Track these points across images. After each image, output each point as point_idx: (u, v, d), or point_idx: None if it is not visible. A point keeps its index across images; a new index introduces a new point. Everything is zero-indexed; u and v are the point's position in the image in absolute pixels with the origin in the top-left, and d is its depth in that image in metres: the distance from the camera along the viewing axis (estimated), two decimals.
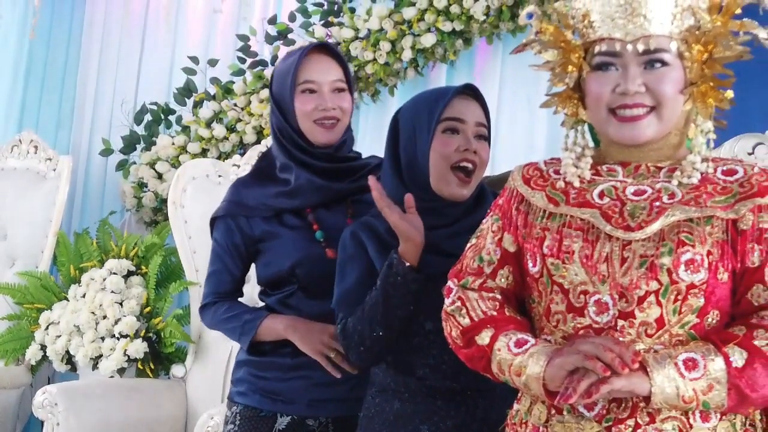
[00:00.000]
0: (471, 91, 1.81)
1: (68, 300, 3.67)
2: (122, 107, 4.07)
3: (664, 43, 1.37)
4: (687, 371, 1.29)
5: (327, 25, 3.67)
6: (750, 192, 1.36)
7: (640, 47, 1.37)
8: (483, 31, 3.43)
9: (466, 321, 1.46)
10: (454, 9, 3.37)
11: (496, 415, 1.59)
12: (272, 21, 3.80)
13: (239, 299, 2.15)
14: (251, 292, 2.85)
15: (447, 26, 3.40)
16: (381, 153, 1.93)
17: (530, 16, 1.52)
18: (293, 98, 2.03)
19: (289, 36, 3.77)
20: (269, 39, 3.79)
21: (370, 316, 1.69)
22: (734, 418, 1.38)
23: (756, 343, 1.30)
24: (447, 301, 1.50)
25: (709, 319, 1.36)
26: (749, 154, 2.94)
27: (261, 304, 2.15)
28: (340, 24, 3.63)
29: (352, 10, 3.64)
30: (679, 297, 1.33)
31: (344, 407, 1.95)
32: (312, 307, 1.99)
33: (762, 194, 1.36)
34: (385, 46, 3.51)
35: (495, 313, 1.45)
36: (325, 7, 3.71)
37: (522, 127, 3.46)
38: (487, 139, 1.81)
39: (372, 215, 1.81)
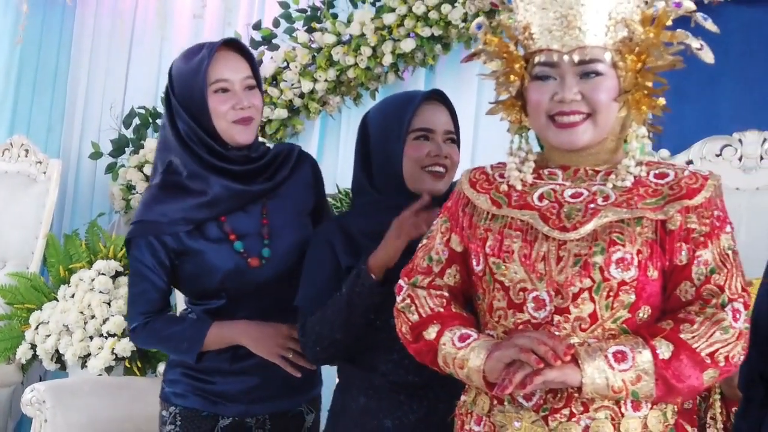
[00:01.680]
0: (438, 97, 1.89)
1: (58, 300, 3.76)
2: (111, 111, 4.16)
3: (598, 53, 1.45)
4: (616, 363, 1.37)
5: (310, 30, 3.75)
6: (679, 194, 1.44)
7: (576, 58, 1.44)
8: (461, 36, 3.50)
9: (415, 317, 1.54)
10: (433, 15, 3.45)
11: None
12: (257, 26, 3.89)
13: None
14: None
15: (426, 32, 3.48)
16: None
17: (479, 27, 1.61)
18: (206, 99, 1.94)
19: (273, 41, 3.85)
20: (254, 44, 3.86)
21: (332, 319, 1.76)
22: (665, 408, 1.46)
23: (682, 336, 1.38)
24: (398, 299, 1.58)
25: (641, 315, 1.44)
26: (717, 155, 3.03)
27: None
28: (323, 29, 3.71)
29: (335, 16, 3.72)
30: (611, 293, 1.41)
31: (281, 403, 2.02)
32: (240, 317, 2.00)
33: (690, 196, 1.44)
34: (366, 51, 3.59)
35: (442, 310, 1.53)
36: (308, 12, 3.79)
37: (500, 130, 3.51)
38: (456, 141, 1.89)
39: (346, 214, 1.89)
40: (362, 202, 1.91)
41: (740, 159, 2.98)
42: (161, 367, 3.56)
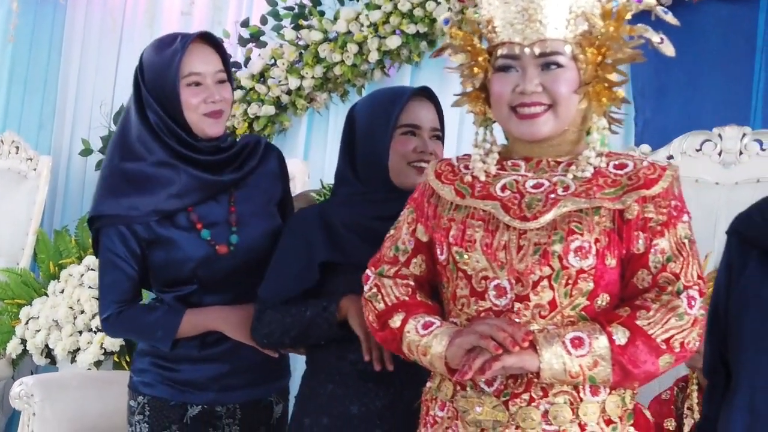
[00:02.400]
0: (426, 94, 1.93)
1: (48, 295, 3.80)
2: (101, 108, 4.18)
3: (558, 46, 1.48)
4: (573, 348, 1.40)
5: (297, 28, 3.78)
6: (637, 184, 1.47)
7: (537, 50, 1.48)
8: (446, 33, 3.53)
9: (381, 306, 1.57)
10: (418, 12, 3.48)
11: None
12: (244, 24, 3.92)
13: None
14: None
15: (411, 29, 3.51)
16: None
17: (446, 21, 1.64)
18: (178, 91, 1.96)
19: (261, 38, 3.89)
20: (242, 42, 3.90)
21: (288, 328, 1.81)
22: (624, 393, 1.49)
23: (638, 322, 1.42)
24: (365, 288, 1.62)
25: (599, 302, 1.47)
26: (697, 150, 3.06)
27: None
28: (310, 27, 3.74)
29: (322, 14, 3.75)
30: (570, 281, 1.44)
31: (251, 392, 2.04)
32: (210, 303, 2.02)
33: (648, 186, 1.47)
34: (352, 48, 3.62)
35: (407, 299, 1.56)
36: (296, 10, 3.82)
37: None
38: (441, 138, 1.94)
39: (327, 203, 1.93)
40: (345, 192, 1.93)
41: (720, 154, 3.00)
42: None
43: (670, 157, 3.10)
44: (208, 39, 2.04)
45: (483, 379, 1.44)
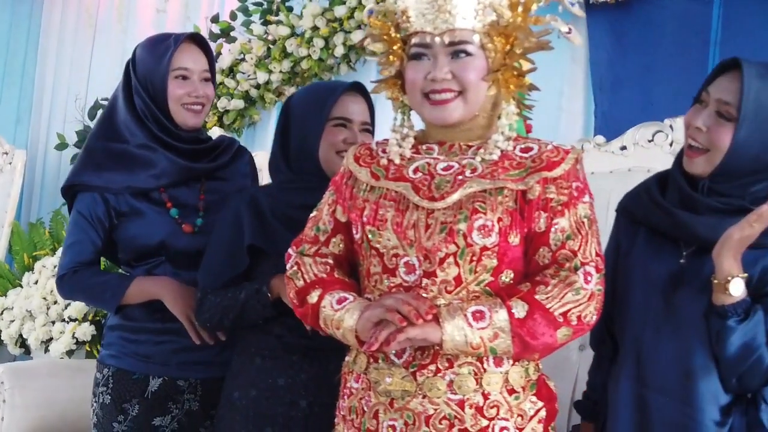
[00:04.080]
0: (359, 89, 2.03)
1: (22, 287, 3.87)
2: (76, 103, 4.25)
3: (467, 35, 1.55)
4: (475, 321, 1.47)
5: (265, 23, 3.85)
6: (540, 166, 1.55)
7: (446, 39, 1.55)
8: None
9: (300, 283, 1.65)
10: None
11: None
12: (215, 20, 3.99)
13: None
14: None
15: None
16: None
17: (371, 12, 1.71)
18: (166, 82, 2.14)
19: (231, 34, 3.96)
20: (212, 37, 3.98)
21: (226, 312, 1.90)
22: (527, 365, 1.57)
23: (537, 297, 1.49)
24: (287, 266, 1.69)
25: (503, 278, 1.54)
26: (649, 141, 3.13)
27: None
28: (278, 22, 3.81)
29: (290, 9, 3.82)
30: (474, 258, 1.52)
31: (211, 370, 2.12)
32: (177, 278, 2.13)
33: (550, 168, 1.54)
34: (318, 42, 3.70)
35: (325, 276, 1.64)
36: (264, 6, 3.90)
37: None
38: (371, 131, 2.03)
39: (263, 189, 2.02)
40: (277, 180, 2.03)
41: (671, 144, 3.07)
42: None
43: (623, 148, 3.17)
44: (197, 40, 2.23)
45: (391, 350, 1.52)
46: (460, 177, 1.56)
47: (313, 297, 1.61)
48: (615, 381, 1.72)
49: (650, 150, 3.10)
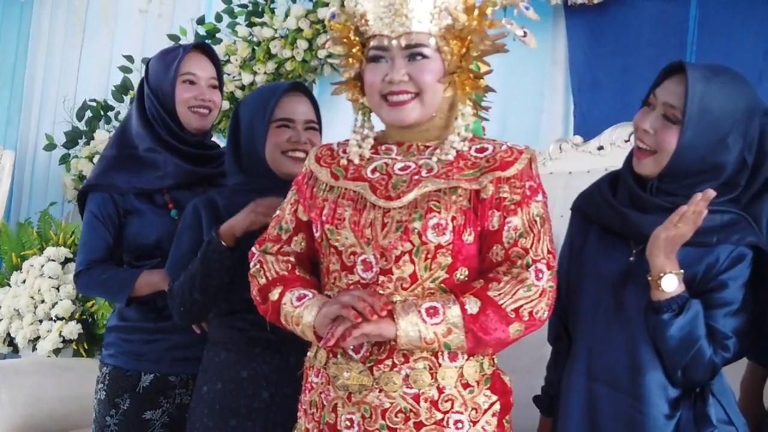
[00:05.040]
0: (301, 89, 2.09)
1: (10, 286, 3.91)
2: (64, 104, 4.29)
3: (423, 39, 1.59)
4: (428, 317, 1.51)
5: (250, 25, 3.89)
6: (493, 166, 1.59)
7: (403, 42, 1.59)
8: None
9: (263, 280, 1.69)
10: None
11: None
12: (200, 21, 4.03)
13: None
14: None
15: None
16: None
17: (333, 16, 1.75)
18: (174, 87, 2.27)
19: (217, 35, 4.00)
20: (198, 38, 4.01)
21: (191, 282, 1.95)
22: (482, 359, 1.61)
23: (489, 293, 1.53)
24: (251, 264, 1.73)
25: (458, 275, 1.58)
26: (625, 141, 3.17)
27: None
28: (263, 24, 3.85)
29: (274, 11, 3.86)
30: (429, 256, 1.55)
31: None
32: None
33: (503, 168, 1.58)
34: (302, 44, 3.73)
35: (286, 274, 1.68)
36: (250, 8, 3.94)
37: None
38: (317, 128, 2.09)
39: (216, 191, 2.07)
40: (231, 182, 2.11)
41: None
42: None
43: (601, 148, 3.21)
44: (206, 50, 2.38)
45: (348, 346, 1.56)
46: (416, 177, 1.59)
47: (274, 294, 1.65)
48: (567, 375, 1.77)
49: (626, 150, 3.04)
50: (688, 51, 3.28)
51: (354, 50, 1.66)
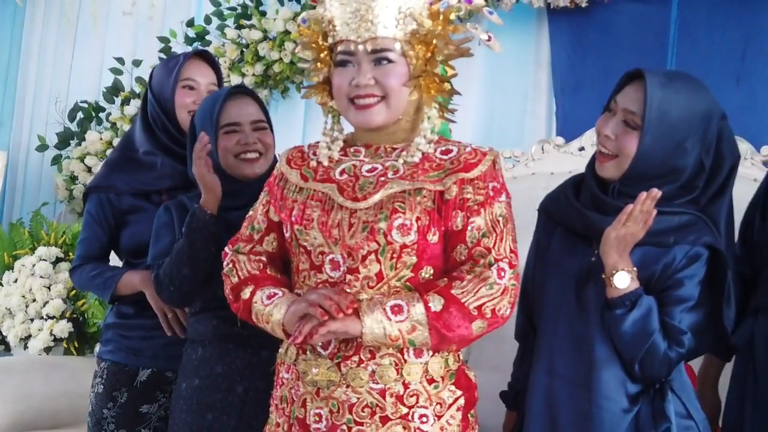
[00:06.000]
0: (244, 90, 2.16)
1: (2, 285, 3.96)
2: (57, 105, 4.34)
3: (389, 43, 1.63)
4: (393, 315, 1.56)
5: (239, 27, 3.93)
6: (457, 168, 1.63)
7: (369, 47, 1.63)
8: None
9: (235, 279, 1.73)
10: None
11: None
12: (190, 24, 4.08)
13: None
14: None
15: None
16: (292, 144, 2.12)
17: (304, 21, 1.79)
18: (174, 93, 2.35)
19: (206, 38, 4.04)
20: (188, 40, 4.06)
21: (178, 258, 2.00)
22: (447, 356, 1.65)
23: (452, 291, 1.57)
24: (224, 264, 1.78)
25: (423, 274, 1.62)
26: None
27: None
28: (251, 26, 3.90)
29: (263, 14, 3.90)
30: (395, 255, 1.60)
31: None
32: None
33: (467, 170, 1.63)
34: (289, 46, 3.78)
35: (258, 273, 1.72)
36: (239, 10, 3.98)
37: None
38: (266, 128, 2.15)
39: (186, 196, 2.13)
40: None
41: None
42: (98, 348, 3.76)
43: (582, 149, 3.26)
44: (206, 57, 2.47)
45: (315, 343, 1.60)
46: (382, 178, 1.64)
47: (246, 293, 1.70)
48: (532, 372, 1.82)
49: None
50: (670, 51, 3.33)
51: (322, 55, 1.70)
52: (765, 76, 3.14)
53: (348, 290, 1.61)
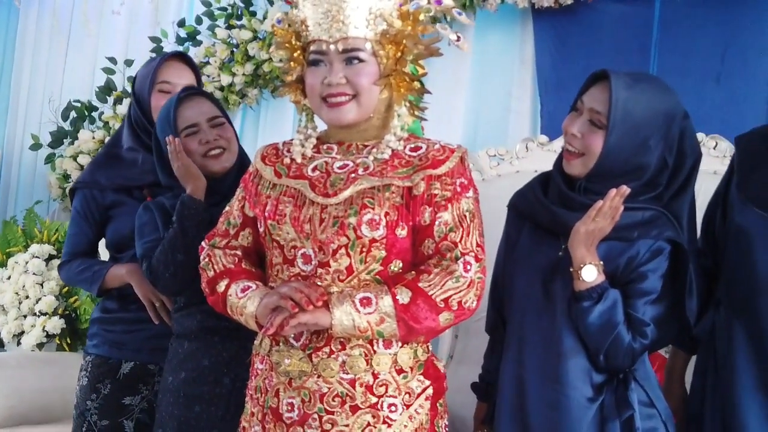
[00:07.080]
0: (195, 91, 2.24)
1: None
2: (50, 104, 4.38)
3: (359, 43, 1.68)
4: (362, 307, 1.60)
5: (230, 27, 3.98)
6: (426, 164, 1.68)
7: (340, 47, 1.68)
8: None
9: (211, 273, 1.78)
10: None
11: None
12: (181, 24, 4.12)
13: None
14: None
15: None
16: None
17: (279, 21, 1.84)
18: (150, 95, 2.40)
19: (197, 38, 4.09)
20: (179, 40, 4.10)
21: (171, 245, 2.06)
22: (416, 347, 1.70)
23: (420, 284, 1.62)
24: (201, 258, 1.83)
25: (392, 267, 1.67)
26: None
27: None
28: (241, 26, 3.94)
29: (253, 14, 3.95)
30: (364, 249, 1.64)
31: None
32: None
33: (435, 166, 1.67)
34: None
35: (233, 267, 1.77)
36: (229, 10, 4.02)
37: None
38: (223, 123, 2.21)
39: (164, 197, 2.20)
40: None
41: None
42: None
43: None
44: (184, 59, 2.51)
45: (287, 334, 1.65)
46: (353, 175, 1.69)
47: (221, 286, 1.75)
48: (502, 364, 1.87)
49: None
50: (653, 51, 3.38)
51: (295, 54, 1.75)
52: (745, 75, 3.18)
53: (319, 283, 1.65)
